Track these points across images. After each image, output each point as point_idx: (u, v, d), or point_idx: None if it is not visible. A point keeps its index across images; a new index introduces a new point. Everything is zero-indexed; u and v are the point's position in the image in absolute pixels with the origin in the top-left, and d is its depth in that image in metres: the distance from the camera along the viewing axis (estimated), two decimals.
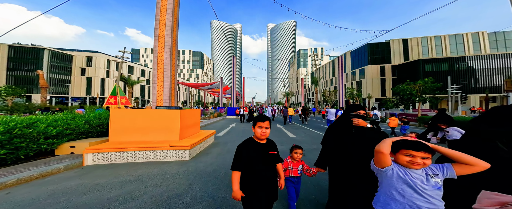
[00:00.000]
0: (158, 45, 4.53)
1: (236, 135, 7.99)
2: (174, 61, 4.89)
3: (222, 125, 11.86)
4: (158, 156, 3.69)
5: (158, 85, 4.50)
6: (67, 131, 3.76)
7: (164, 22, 4.54)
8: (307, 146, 5.77)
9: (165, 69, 4.51)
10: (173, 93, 4.80)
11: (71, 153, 3.77)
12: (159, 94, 4.48)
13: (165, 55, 4.56)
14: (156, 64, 4.54)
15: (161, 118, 4.07)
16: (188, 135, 4.67)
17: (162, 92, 4.49)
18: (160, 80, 4.48)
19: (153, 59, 4.51)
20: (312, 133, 8.78)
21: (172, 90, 4.77)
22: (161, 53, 4.51)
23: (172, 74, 4.76)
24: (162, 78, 4.49)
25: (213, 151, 4.93)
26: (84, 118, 4.12)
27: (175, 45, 5.07)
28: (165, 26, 4.58)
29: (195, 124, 5.32)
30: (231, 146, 5.73)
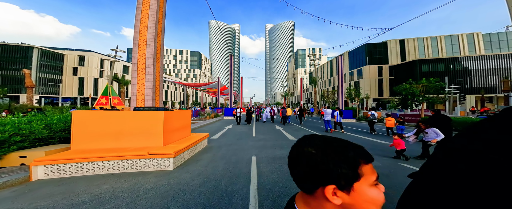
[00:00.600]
0: (139, 36, 3.89)
1: (232, 137, 7.40)
2: (159, 55, 4.27)
3: (218, 127, 11.24)
4: (133, 166, 3.08)
5: (138, 83, 3.86)
6: (16, 138, 3.08)
7: (148, 7, 3.92)
8: None
9: (148, 65, 3.89)
10: (157, 93, 4.18)
11: (21, 164, 3.07)
12: (139, 93, 3.85)
13: (148, 49, 3.93)
14: (136, 59, 3.88)
15: (141, 121, 3.46)
16: (174, 139, 4.06)
17: (144, 91, 3.86)
18: (141, 77, 3.85)
19: (133, 53, 3.86)
20: None
21: (156, 89, 4.15)
22: (143, 46, 3.88)
23: (156, 71, 4.14)
24: (144, 75, 3.85)
25: (204, 157, 4.34)
26: (45, 121, 3.44)
27: (161, 37, 4.45)
28: (148, 12, 3.95)
29: (184, 126, 4.72)
30: (226, 150, 5.15)
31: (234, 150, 5.22)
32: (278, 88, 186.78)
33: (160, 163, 3.22)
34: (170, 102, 68.99)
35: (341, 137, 1.98)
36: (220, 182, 2.94)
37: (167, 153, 3.19)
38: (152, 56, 3.98)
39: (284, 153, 4.91)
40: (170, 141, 3.86)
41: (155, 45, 4.14)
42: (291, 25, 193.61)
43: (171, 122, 3.93)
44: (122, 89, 24.60)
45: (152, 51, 4.00)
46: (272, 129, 10.03)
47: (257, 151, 5.17)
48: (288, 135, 8.13)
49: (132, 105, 3.94)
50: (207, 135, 5.72)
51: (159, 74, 4.26)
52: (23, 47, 35.55)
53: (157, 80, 4.16)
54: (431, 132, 4.13)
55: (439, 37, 47.34)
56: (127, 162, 3.02)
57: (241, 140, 6.88)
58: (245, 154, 4.79)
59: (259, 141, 6.74)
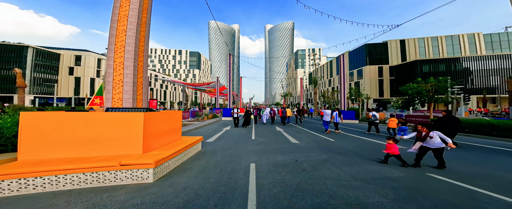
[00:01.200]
0: (117, 26, 3.25)
1: (230, 140, 6.80)
2: (143, 48, 3.65)
3: (215, 128, 10.62)
4: (100, 179, 2.46)
5: (114, 80, 3.22)
6: None
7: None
8: (315, 155, 4.64)
9: (127, 58, 3.26)
10: (139, 91, 3.55)
11: None
12: (116, 91, 3.21)
13: (127, 40, 3.27)
14: (113, 52, 3.20)
15: (114, 124, 2.84)
16: (159, 145, 3.46)
17: (121, 89, 3.22)
18: (119, 72, 3.21)
19: (109, 45, 3.22)
20: (317, 137, 7.67)
21: (138, 87, 3.53)
22: (122, 36, 3.23)
23: (138, 66, 3.52)
24: (121, 70, 3.21)
25: (195, 165, 3.74)
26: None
27: (146, 28, 3.84)
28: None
29: (174, 129, 4.11)
30: (221, 156, 4.54)
31: (230, 156, 4.62)
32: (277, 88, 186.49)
33: (136, 175, 2.62)
34: (169, 103, 68.28)
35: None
36: (209, 200, 2.34)
37: (145, 162, 2.59)
38: (133, 49, 3.37)
39: (287, 159, 4.32)
40: (154, 147, 3.26)
41: (137, 36, 3.54)
42: (290, 26, 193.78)
43: (155, 124, 3.32)
44: None
45: (133, 43, 3.39)
46: (272, 131, 9.43)
47: (257, 156, 4.57)
48: (290, 137, 7.54)
49: (107, 105, 3.30)
50: (200, 138, 5.12)
51: (142, 70, 3.65)
52: (18, 46, 34.80)
53: (139, 77, 3.54)
54: (436, 136, 3.50)
55: (440, 37, 47.09)
56: (92, 175, 2.40)
57: (239, 143, 6.28)
58: (242, 161, 4.19)
59: (259, 144, 6.14)
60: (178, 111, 4.49)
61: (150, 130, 3.12)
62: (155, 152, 3.10)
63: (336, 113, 8.63)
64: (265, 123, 12.47)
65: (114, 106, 3.26)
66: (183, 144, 3.93)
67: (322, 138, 7.49)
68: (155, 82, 63.61)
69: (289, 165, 3.92)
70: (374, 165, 3.91)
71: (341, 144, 6.27)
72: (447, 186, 2.83)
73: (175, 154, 3.33)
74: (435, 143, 3.56)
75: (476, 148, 5.87)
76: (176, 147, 3.56)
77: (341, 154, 4.85)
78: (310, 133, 8.77)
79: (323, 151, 5.16)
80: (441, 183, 2.96)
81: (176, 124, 4.23)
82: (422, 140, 3.70)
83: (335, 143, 6.43)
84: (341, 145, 6.12)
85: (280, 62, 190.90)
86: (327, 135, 8.29)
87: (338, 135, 8.36)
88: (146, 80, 3.73)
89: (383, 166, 3.83)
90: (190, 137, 4.97)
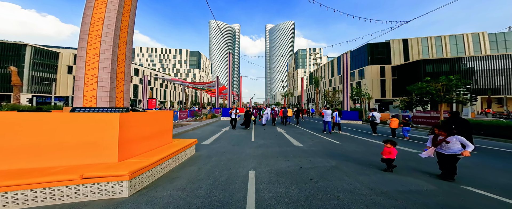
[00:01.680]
0: (92, 13, 2.71)
1: (227, 143, 6.28)
2: (126, 39, 3.13)
3: (213, 129, 10.11)
4: (56, 196, 1.95)
5: (87, 75, 2.64)
6: None
7: None
8: (322, 161, 4.11)
9: (104, 50, 2.71)
10: (119, 89, 3.01)
11: None
12: (88, 88, 2.66)
13: (105, 30, 2.71)
14: (86, 42, 2.67)
15: (81, 128, 2.32)
16: (142, 150, 2.95)
17: (95, 85, 2.68)
18: (92, 66, 2.65)
19: (81, 34, 2.67)
20: (321, 139, 7.14)
21: (118, 83, 2.99)
22: (98, 24, 2.70)
23: (119, 60, 2.99)
24: (96, 64, 2.66)
25: (185, 174, 3.23)
26: None
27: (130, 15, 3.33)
28: None
29: (162, 132, 3.61)
30: (216, 162, 4.03)
31: (227, 161, 4.10)
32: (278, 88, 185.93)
33: (105, 189, 2.11)
34: (168, 102, 67.95)
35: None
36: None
37: (117, 174, 2.08)
38: (111, 39, 2.84)
39: (290, 166, 3.79)
40: (134, 154, 2.74)
41: (118, 25, 3.02)
42: (291, 26, 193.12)
43: (137, 127, 2.81)
44: None
45: (112, 33, 2.87)
46: (273, 132, 8.91)
47: (256, 162, 4.06)
48: (292, 139, 7.01)
49: (76, 104, 2.77)
50: (194, 141, 4.60)
51: (123, 65, 3.12)
52: (16, 45, 34.43)
53: (120, 72, 3.01)
54: (454, 141, 2.94)
55: (443, 36, 46.38)
56: (44, 191, 1.89)
57: (237, 146, 5.77)
58: (240, 167, 3.67)
59: (259, 147, 5.62)
60: (169, 111, 3.98)
61: (129, 134, 2.61)
62: (135, 159, 2.58)
63: (336, 113, 8.53)
64: (264, 124, 11.61)
65: (86, 105, 2.73)
66: (172, 149, 3.42)
67: (327, 140, 6.96)
68: (155, 81, 63.22)
69: (294, 173, 3.40)
70: (392, 173, 3.38)
71: (349, 147, 5.74)
72: (499, 206, 2.27)
73: (160, 161, 2.82)
74: (451, 149, 3.00)
75: (503, 154, 5.31)
76: (163, 153, 3.05)
77: (351, 159, 4.32)
78: (313, 135, 8.25)
79: (330, 156, 4.63)
80: (486, 200, 2.41)
81: (165, 126, 3.72)
82: (436, 145, 3.15)
83: (342, 146, 5.90)
84: (349, 148, 5.59)
85: (280, 62, 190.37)
86: (331, 136, 7.77)
87: (344, 137, 7.83)
88: (129, 76, 3.21)
89: (403, 175, 3.30)
90: (183, 140, 4.46)
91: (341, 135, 8.25)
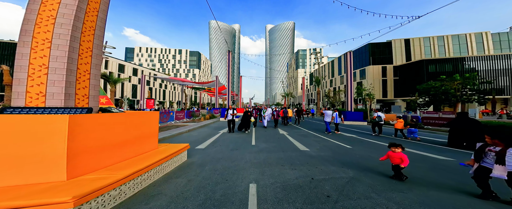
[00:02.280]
0: None
1: (225, 146, 5.65)
2: (95, 23, 2.48)
3: (210, 131, 9.47)
4: None
5: (31, 64, 2.03)
6: None
7: None
8: (336, 170, 3.43)
9: (59, 34, 1.96)
10: (82, 84, 2.28)
11: None
12: (34, 82, 2.05)
13: (61, 10, 2.00)
14: (33, 23, 2.02)
15: (11, 136, 1.68)
16: (111, 162, 2.32)
17: (45, 78, 2.01)
18: (40, 53, 1.99)
19: (26, 14, 1.91)
20: (327, 142, 6.50)
21: (81, 77, 2.29)
22: (51, 2, 2.05)
23: (83, 48, 2.31)
24: (47, 50, 1.99)
25: (169, 189, 2.59)
26: None
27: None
28: None
29: (143, 137, 2.98)
30: (210, 171, 3.39)
31: (223, 170, 3.47)
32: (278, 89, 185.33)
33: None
34: (168, 102, 67.35)
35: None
36: None
37: (53, 201, 1.43)
38: (70, 22, 2.18)
39: (299, 177, 3.15)
40: (97, 167, 2.11)
41: (82, 6, 2.38)
42: (291, 26, 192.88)
43: (103, 132, 2.17)
44: (111, 88, 22.83)
45: (72, 14, 2.20)
46: (275, 134, 8.27)
47: (258, 171, 3.42)
48: (297, 142, 6.38)
49: (16, 102, 2.07)
50: (185, 146, 3.97)
51: (90, 54, 2.45)
52: (11, 44, 33.73)
53: (83, 64, 2.32)
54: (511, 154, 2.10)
55: (446, 36, 45.86)
56: None
57: (236, 150, 5.13)
58: (239, 179, 3.04)
59: (260, 152, 4.99)
60: (154, 112, 3.35)
61: (87, 142, 1.97)
62: (95, 175, 1.95)
63: (336, 113, 8.58)
64: (266, 126, 10.66)
65: (29, 105, 2.06)
66: (155, 157, 2.79)
67: (334, 143, 6.32)
68: (154, 81, 62.63)
69: (305, 187, 2.76)
70: (435, 188, 2.70)
71: (361, 151, 5.11)
72: None
73: (135, 174, 2.19)
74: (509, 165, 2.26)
75: None
76: (141, 163, 2.42)
77: (370, 168, 3.67)
78: (318, 137, 7.62)
79: (344, 163, 3.99)
80: None
81: (148, 130, 3.09)
82: (478, 157, 2.37)
83: (354, 150, 5.27)
84: (362, 152, 4.96)
85: (280, 62, 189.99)
86: (339, 139, 7.13)
87: (353, 140, 7.20)
88: (98, 69, 2.57)
89: (440, 189, 2.66)
90: (172, 145, 3.82)
91: (346, 136, 7.68)
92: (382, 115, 8.18)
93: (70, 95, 2.23)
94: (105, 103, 7.64)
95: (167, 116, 12.60)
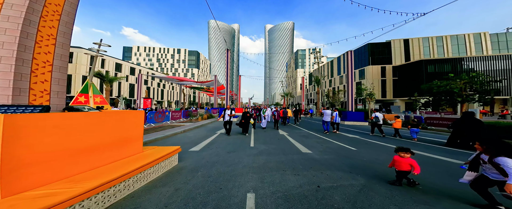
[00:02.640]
0: None
1: (222, 148, 5.25)
2: (62, 7, 2.08)
3: (207, 131, 9.06)
4: None
5: None
6: None
7: None
8: (344, 175, 3.04)
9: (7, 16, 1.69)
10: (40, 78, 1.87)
11: None
12: None
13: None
14: None
15: None
16: (73, 172, 1.92)
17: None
18: None
19: None
20: (331, 144, 6.14)
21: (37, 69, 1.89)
22: None
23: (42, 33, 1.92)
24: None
25: (149, 202, 2.19)
26: None
27: None
28: None
29: (121, 141, 2.57)
30: (202, 178, 3.00)
31: (217, 176, 3.08)
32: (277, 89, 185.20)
33: None
34: (166, 102, 66.66)
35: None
36: None
37: None
38: (23, 2, 1.78)
39: (303, 184, 2.77)
40: (58, 177, 1.71)
41: None
42: (290, 26, 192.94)
43: (62, 137, 1.77)
44: (106, 87, 22.26)
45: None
46: (275, 135, 7.89)
47: (257, 177, 3.04)
48: (298, 144, 6.00)
49: None
50: (176, 149, 3.57)
51: (52, 43, 2.05)
52: None
53: (42, 53, 1.90)
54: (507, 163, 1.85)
55: (445, 36, 45.98)
56: None
57: (233, 153, 4.74)
58: (235, 187, 2.66)
59: (260, 154, 4.60)
60: (138, 112, 2.94)
61: (39, 148, 1.55)
62: (45, 190, 1.53)
63: (336, 113, 8.63)
64: (264, 127, 9.94)
65: None
66: (137, 163, 2.38)
67: (338, 144, 5.96)
68: (152, 81, 61.93)
69: (310, 197, 2.38)
70: (464, 200, 2.34)
71: (368, 154, 4.75)
72: None
73: (103, 186, 1.79)
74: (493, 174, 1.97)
75: None
76: (115, 172, 2.02)
77: (381, 174, 3.29)
78: (319, 138, 7.26)
79: (351, 168, 3.62)
80: None
81: (129, 131, 2.69)
82: (473, 167, 2.19)
83: (360, 153, 4.91)
84: (369, 155, 4.60)
85: (279, 62, 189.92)
86: (341, 140, 6.78)
87: (357, 141, 6.85)
88: (64, 61, 2.16)
89: None
90: (161, 148, 3.42)
91: (348, 137, 7.35)
92: (380, 115, 8.12)
93: (22, 90, 1.81)
94: (100, 102, 7.30)
95: (163, 116, 12.15)
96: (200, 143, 5.98)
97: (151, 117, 10.76)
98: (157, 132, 7.93)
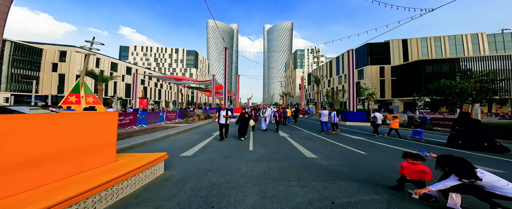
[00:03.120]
0: None
1: (217, 153, 4.71)
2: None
3: (202, 133, 8.50)
4: None
5: None
6: None
7: None
8: (360, 187, 2.50)
9: None
10: None
11: None
12: None
13: None
14: None
15: None
16: (11, 191, 1.37)
17: None
18: None
19: None
20: (336, 147, 5.65)
21: None
22: None
23: None
24: None
25: None
26: None
27: None
28: None
29: (86, 148, 2.04)
30: (190, 191, 2.46)
31: (209, 189, 2.55)
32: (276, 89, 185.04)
33: None
34: (163, 102, 65.68)
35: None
36: None
37: None
38: None
39: (313, 200, 2.25)
40: None
41: None
42: (289, 26, 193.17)
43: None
44: (100, 86, 21.46)
45: None
46: (275, 137, 7.37)
47: (257, 190, 2.51)
48: (301, 147, 5.50)
49: None
50: (162, 156, 3.02)
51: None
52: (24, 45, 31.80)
53: None
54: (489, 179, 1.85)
55: (443, 37, 46.23)
56: None
57: (230, 158, 4.21)
58: (230, 205, 2.13)
59: (260, 160, 4.08)
60: (110, 113, 2.40)
61: None
62: None
63: (334, 113, 8.56)
64: (265, 129, 9.06)
65: None
66: (102, 178, 1.84)
67: (345, 148, 5.47)
68: (149, 80, 60.97)
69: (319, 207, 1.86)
70: None
71: (381, 159, 4.27)
72: None
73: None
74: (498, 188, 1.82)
75: None
76: (63, 192, 1.47)
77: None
78: (322, 139, 6.77)
79: (367, 176, 3.12)
80: None
81: (97, 138, 2.15)
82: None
83: (372, 158, 4.42)
84: (383, 161, 4.12)
85: (278, 62, 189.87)
86: (348, 143, 6.30)
87: (364, 144, 6.38)
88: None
89: None
90: (141, 156, 2.86)
91: (354, 139, 6.89)
92: (379, 115, 8.09)
93: None
94: (93, 102, 6.70)
95: (156, 116, 11.52)
96: (193, 146, 5.42)
97: (143, 117, 10.13)
98: (148, 134, 7.34)
